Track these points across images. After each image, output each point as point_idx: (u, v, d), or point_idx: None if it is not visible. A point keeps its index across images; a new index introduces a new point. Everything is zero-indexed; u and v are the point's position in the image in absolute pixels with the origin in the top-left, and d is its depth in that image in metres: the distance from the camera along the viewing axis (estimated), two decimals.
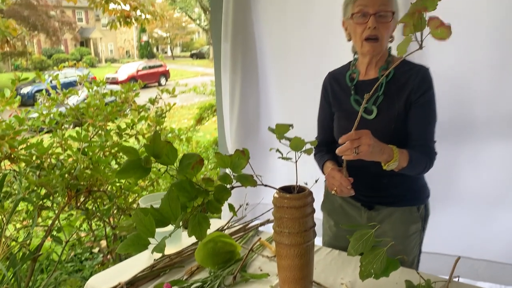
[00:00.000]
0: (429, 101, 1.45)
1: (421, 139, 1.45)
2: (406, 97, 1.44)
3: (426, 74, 1.46)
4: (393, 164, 1.33)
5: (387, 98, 1.47)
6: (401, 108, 1.45)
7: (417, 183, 1.57)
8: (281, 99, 2.34)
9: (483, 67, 1.81)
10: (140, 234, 1.02)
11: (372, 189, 1.55)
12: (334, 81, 1.62)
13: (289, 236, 1.20)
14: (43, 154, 2.04)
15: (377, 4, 1.38)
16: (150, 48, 36.88)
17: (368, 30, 1.40)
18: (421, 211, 1.57)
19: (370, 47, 1.43)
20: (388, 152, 1.31)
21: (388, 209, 1.56)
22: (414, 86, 1.44)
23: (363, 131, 1.22)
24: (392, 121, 1.43)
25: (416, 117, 1.45)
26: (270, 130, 1.21)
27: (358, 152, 1.22)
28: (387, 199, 1.55)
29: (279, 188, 1.24)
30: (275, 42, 2.29)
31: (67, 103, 2.52)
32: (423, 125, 1.46)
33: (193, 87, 7.63)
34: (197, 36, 42.89)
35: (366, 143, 1.21)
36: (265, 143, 2.30)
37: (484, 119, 1.84)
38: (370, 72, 1.52)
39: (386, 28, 1.41)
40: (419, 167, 1.43)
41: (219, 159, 1.13)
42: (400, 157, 1.33)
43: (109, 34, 34.17)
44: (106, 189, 2.24)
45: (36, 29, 22.74)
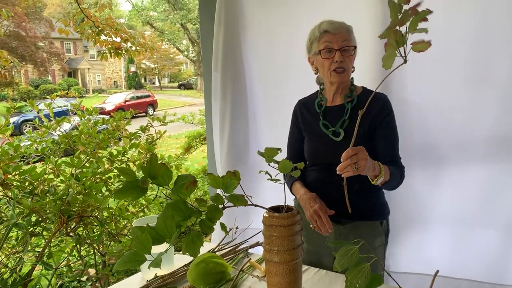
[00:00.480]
0: (392, 122, 1.65)
1: (391, 155, 1.63)
2: (370, 121, 1.61)
3: (386, 100, 1.67)
4: (381, 178, 1.45)
5: (352, 122, 1.63)
6: (366, 131, 1.61)
7: (380, 199, 1.73)
8: (269, 125, 2.43)
9: (455, 94, 1.93)
10: (137, 251, 1.08)
11: (340, 204, 1.61)
12: (304, 108, 1.80)
13: (278, 253, 1.26)
14: (36, 180, 2.08)
15: (340, 40, 1.58)
16: (138, 78, 37.13)
17: (335, 63, 1.59)
18: (384, 225, 1.73)
19: (338, 78, 1.62)
20: (377, 167, 1.43)
21: (354, 223, 1.68)
22: (377, 111, 1.62)
23: (359, 148, 1.34)
24: (358, 141, 1.53)
25: (383, 137, 1.63)
26: (260, 154, 1.29)
27: (357, 167, 1.32)
28: (353, 214, 1.63)
29: (269, 208, 1.31)
30: (263, 72, 2.41)
31: (59, 131, 2.58)
32: (390, 143, 1.65)
33: (182, 116, 7.70)
34: (185, 67, 43.40)
35: (363, 158, 1.32)
36: (255, 168, 2.38)
37: (459, 143, 1.95)
38: (336, 99, 1.70)
39: (350, 60, 1.61)
40: (395, 180, 1.57)
41: (212, 180, 1.20)
42: (385, 171, 1.47)
43: (97, 65, 34.40)
44: (97, 215, 2.27)
45: (24, 59, 22.84)
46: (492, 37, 1.83)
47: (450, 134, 1.96)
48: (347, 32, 1.61)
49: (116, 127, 2.74)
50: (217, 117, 2.46)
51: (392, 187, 1.60)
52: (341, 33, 1.58)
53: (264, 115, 2.44)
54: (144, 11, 29.48)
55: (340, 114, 1.66)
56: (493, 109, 1.87)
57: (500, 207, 1.92)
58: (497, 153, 1.90)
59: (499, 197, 1.92)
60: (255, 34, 2.37)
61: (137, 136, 2.74)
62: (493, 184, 1.92)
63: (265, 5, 2.32)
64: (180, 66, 41.42)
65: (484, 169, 1.95)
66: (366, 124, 1.61)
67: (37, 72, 26.23)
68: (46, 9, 29.58)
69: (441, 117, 1.96)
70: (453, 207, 2.01)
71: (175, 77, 42.90)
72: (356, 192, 1.59)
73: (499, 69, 1.84)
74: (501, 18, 1.80)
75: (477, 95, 1.89)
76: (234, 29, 2.36)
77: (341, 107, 1.67)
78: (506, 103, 1.84)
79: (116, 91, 30.80)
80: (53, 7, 31.15)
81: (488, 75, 1.87)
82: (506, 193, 1.90)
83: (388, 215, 1.75)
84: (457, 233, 2.02)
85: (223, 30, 2.33)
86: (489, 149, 1.92)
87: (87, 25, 4.58)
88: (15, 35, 22.23)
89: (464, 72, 1.90)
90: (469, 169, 1.96)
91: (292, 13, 2.21)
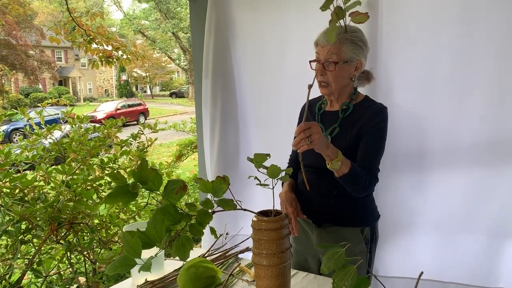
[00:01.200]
0: (379, 131, 1.61)
1: (365, 162, 1.58)
2: (358, 129, 1.60)
3: (380, 109, 1.64)
4: (336, 163, 1.45)
5: (342, 130, 1.64)
6: (353, 139, 1.61)
7: (361, 206, 1.69)
8: (259, 132, 2.47)
9: (441, 101, 1.98)
10: (127, 256, 1.09)
11: (320, 206, 1.69)
12: (308, 109, 1.78)
13: (267, 257, 1.28)
14: (26, 187, 2.09)
15: (324, 53, 1.57)
16: (129, 87, 37.07)
17: (318, 76, 1.60)
18: (366, 233, 1.70)
19: (322, 90, 1.66)
20: (332, 149, 1.44)
21: (334, 227, 1.69)
22: (367, 118, 1.61)
23: (312, 122, 1.38)
24: (341, 149, 1.54)
25: (365, 143, 1.60)
26: (249, 159, 1.32)
27: (311, 141, 1.36)
28: (333, 218, 1.68)
29: (258, 212, 1.34)
30: (253, 79, 2.45)
31: (50, 138, 2.58)
32: (369, 150, 1.61)
33: (173, 124, 7.72)
34: (176, 75, 43.45)
35: (316, 132, 1.36)
36: (245, 174, 2.39)
37: (445, 148, 1.99)
38: (334, 105, 1.72)
39: (332, 74, 1.59)
40: (358, 182, 1.54)
41: (202, 184, 1.22)
42: (343, 160, 1.47)
43: (88, 74, 34.29)
44: (88, 222, 2.28)
45: (15, 68, 22.71)
46: (476, 46, 1.87)
47: (436, 140, 2.00)
48: (337, 45, 1.55)
49: (107, 135, 2.75)
50: (207, 124, 2.49)
51: (354, 188, 1.57)
52: (328, 46, 1.55)
53: (254, 122, 2.47)
54: (136, 20, 29.57)
55: (333, 121, 1.67)
56: (477, 115, 1.92)
57: (484, 211, 1.96)
58: (481, 158, 1.94)
59: (483, 202, 1.96)
60: (245, 42, 2.41)
61: (128, 144, 2.75)
62: (477, 189, 1.96)
63: (254, 13, 2.36)
64: (171, 74, 41.48)
65: (468, 174, 1.99)
66: (353, 132, 1.61)
67: (28, 80, 26.07)
68: (37, 17, 29.53)
69: (426, 123, 2.00)
70: (439, 212, 2.04)
71: (166, 85, 42.92)
72: (335, 197, 1.62)
73: (483, 77, 1.88)
74: (486, 26, 1.84)
75: (461, 101, 1.94)
76: (224, 36, 2.40)
77: (337, 113, 1.68)
78: (489, 109, 1.89)
79: (107, 100, 30.73)
80: (44, 16, 31.11)
81: (472, 82, 1.91)
82: (489, 198, 1.95)
83: (374, 223, 1.74)
84: (443, 237, 2.05)
85: (214, 38, 2.37)
86: (473, 155, 1.96)
87: (79, 34, 4.59)
88: (5, 44, 22.14)
89: (448, 79, 1.95)
90: (454, 174, 2.00)
91: (281, 21, 2.26)
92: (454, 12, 1.88)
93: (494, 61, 1.86)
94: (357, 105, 1.66)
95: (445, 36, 1.92)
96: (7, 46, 22.18)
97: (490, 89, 1.89)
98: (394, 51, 2.00)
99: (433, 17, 1.92)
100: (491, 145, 1.92)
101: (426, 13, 1.94)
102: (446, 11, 1.90)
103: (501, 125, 1.89)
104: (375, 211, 1.76)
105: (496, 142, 1.91)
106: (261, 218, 1.30)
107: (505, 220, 1.93)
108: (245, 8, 2.38)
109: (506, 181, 1.90)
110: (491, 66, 1.87)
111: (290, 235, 1.33)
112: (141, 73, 37.13)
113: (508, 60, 1.83)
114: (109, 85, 38.43)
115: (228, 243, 1.97)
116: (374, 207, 1.76)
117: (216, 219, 1.21)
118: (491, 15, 1.83)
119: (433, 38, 1.94)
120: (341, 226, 1.68)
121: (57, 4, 31.71)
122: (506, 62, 1.83)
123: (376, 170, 1.62)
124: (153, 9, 27.77)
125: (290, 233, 1.34)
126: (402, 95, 2.02)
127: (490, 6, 1.82)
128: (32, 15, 27.37)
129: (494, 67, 1.87)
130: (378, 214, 1.76)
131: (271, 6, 2.30)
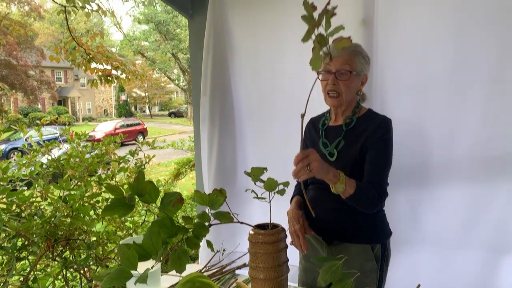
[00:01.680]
0: (384, 144, 1.60)
1: (373, 177, 1.56)
2: (362, 142, 1.59)
3: (384, 122, 1.62)
4: (340, 186, 1.44)
5: (347, 143, 1.63)
6: (357, 153, 1.59)
7: (372, 222, 1.66)
8: (256, 148, 2.48)
9: (436, 117, 2.00)
10: (123, 268, 1.09)
11: (329, 223, 1.66)
12: (312, 126, 1.81)
13: (263, 270, 1.27)
14: (23, 203, 2.08)
15: (338, 64, 1.58)
16: (128, 107, 37.26)
17: (329, 86, 1.59)
18: (376, 250, 1.64)
19: (331, 101, 1.63)
20: (333, 172, 1.42)
21: (345, 245, 1.66)
22: (370, 132, 1.59)
23: (309, 150, 1.36)
24: (348, 163, 1.56)
25: (371, 158, 1.58)
26: (246, 173, 1.33)
27: (310, 169, 1.34)
28: (343, 235, 1.66)
29: (255, 226, 1.33)
30: (250, 95, 2.48)
31: (48, 155, 2.58)
32: (375, 165, 1.59)
33: (172, 143, 7.73)
34: (175, 95, 43.71)
35: (314, 159, 1.35)
36: (242, 191, 2.39)
37: (441, 164, 2.01)
38: (338, 119, 1.70)
39: (345, 85, 1.59)
40: (366, 200, 1.52)
41: (198, 197, 1.22)
42: (347, 182, 1.45)
43: (87, 93, 34.50)
44: (85, 238, 2.26)
45: (14, 88, 22.83)
46: (471, 63, 1.90)
47: (431, 155, 2.01)
48: (349, 55, 1.58)
49: (105, 152, 2.76)
50: (205, 140, 2.51)
51: (364, 207, 1.55)
52: (341, 56, 1.57)
53: (251, 138, 2.49)
54: (136, 41, 29.89)
55: (338, 135, 1.66)
56: (472, 131, 1.94)
57: (481, 226, 1.96)
58: (477, 173, 1.95)
59: (480, 217, 1.96)
60: (242, 59, 2.45)
61: (126, 160, 2.76)
62: (474, 204, 1.97)
63: (251, 30, 2.41)
64: (170, 94, 41.74)
65: (465, 190, 2.00)
66: (358, 145, 1.60)
67: (27, 100, 26.20)
68: (38, 38, 29.88)
69: (421, 139, 2.02)
70: (436, 227, 2.04)
71: (165, 105, 43.15)
72: (344, 213, 1.60)
73: (478, 93, 1.91)
74: (480, 44, 1.88)
75: (456, 117, 1.96)
76: (222, 53, 2.44)
77: (340, 127, 1.67)
78: (484, 124, 1.91)
79: (106, 119, 30.81)
80: (45, 37, 31.50)
81: (467, 99, 1.94)
82: (486, 214, 1.95)
83: (385, 240, 1.69)
84: (441, 252, 2.04)
85: (212, 55, 2.41)
86: (469, 171, 1.97)
87: (78, 53, 4.64)
88: (6, 64, 22.29)
89: (443, 95, 1.97)
90: (450, 191, 2.00)
91: (278, 38, 2.30)
92: (449, 29, 1.92)
93: (488, 78, 1.89)
94: (361, 118, 1.66)
95: (440, 53, 1.95)
96: (7, 66, 22.33)
97: (485, 105, 1.92)
98: (389, 68, 2.03)
99: (428, 35, 1.96)
100: (485, 160, 1.94)
101: (421, 31, 1.98)
102: (441, 29, 1.94)
103: (495, 140, 1.91)
104: (386, 228, 1.71)
105: (490, 157, 1.92)
106: (258, 231, 1.29)
107: (502, 235, 1.93)
108: (243, 26, 2.43)
109: (503, 196, 1.91)
110: (485, 83, 1.90)
111: (287, 248, 1.32)
112: (140, 93, 37.36)
113: (501, 79, 1.86)
114: (108, 105, 38.61)
115: (225, 259, 1.96)
116: (386, 224, 1.72)
117: (213, 236, 1.22)
118: (485, 33, 1.86)
119: (428, 56, 1.98)
120: (351, 242, 1.65)
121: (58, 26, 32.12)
122: (500, 80, 1.86)
123: (384, 184, 1.59)
124: (153, 30, 28.11)
125: (287, 246, 1.33)
126: (396, 111, 2.04)
127: (484, 24, 1.85)
128: (33, 36, 27.69)
129: (489, 84, 1.90)
130: (390, 231, 1.72)
131: (268, 24, 2.35)
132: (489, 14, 1.84)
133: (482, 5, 1.85)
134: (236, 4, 2.44)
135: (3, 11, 24.23)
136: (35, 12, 25.87)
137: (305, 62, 1.70)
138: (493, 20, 1.84)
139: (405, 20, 1.99)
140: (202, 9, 2.57)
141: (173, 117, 36.69)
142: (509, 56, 1.84)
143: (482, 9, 1.85)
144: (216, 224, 1.22)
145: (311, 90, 1.30)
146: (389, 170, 1.61)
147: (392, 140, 1.61)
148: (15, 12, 26.16)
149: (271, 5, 2.33)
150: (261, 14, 2.37)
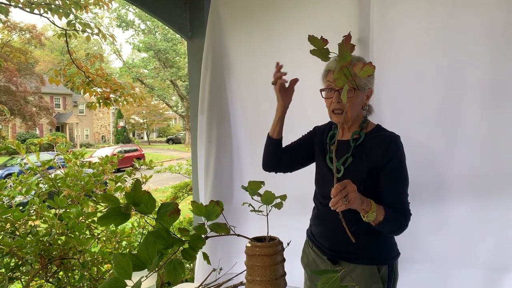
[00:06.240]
0: (398, 166, 1.55)
1: (395, 202, 1.53)
2: (372, 162, 1.54)
3: (393, 140, 1.57)
4: (372, 215, 1.42)
5: (355, 159, 1.58)
6: (367, 172, 1.54)
7: (378, 243, 1.61)
8: (253, 165, 2.47)
9: (434, 133, 2.01)
10: (118, 277, 1.07)
11: (335, 244, 1.64)
12: (319, 135, 1.79)
13: (260, 284, 1.25)
14: (18, 220, 2.06)
15: None
16: (126, 133, 37.33)
17: (333, 104, 1.58)
18: (383, 272, 1.59)
19: (337, 118, 1.60)
20: (366, 202, 1.42)
21: (350, 265, 1.61)
22: (379, 156, 1.54)
23: (346, 181, 1.34)
24: (359, 181, 1.48)
25: (388, 183, 1.54)
26: (243, 188, 1.32)
27: (348, 200, 1.32)
28: (349, 255, 1.62)
29: (252, 238, 1.32)
30: (247, 113, 2.50)
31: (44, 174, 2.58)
32: (395, 190, 1.55)
33: (169, 167, 7.71)
34: (174, 122, 43.90)
35: (352, 190, 1.33)
36: (238, 207, 2.38)
37: (439, 182, 2.00)
38: (345, 134, 1.67)
39: (350, 101, 1.54)
40: (394, 224, 1.50)
41: (195, 208, 1.21)
42: (378, 210, 1.44)
43: (85, 120, 34.63)
44: (79, 258, 2.23)
45: (13, 113, 22.92)
46: (468, 77, 1.91)
47: (430, 173, 2.01)
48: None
49: (101, 171, 2.75)
50: (202, 158, 2.51)
51: (391, 231, 1.54)
52: None
53: (248, 156, 2.49)
54: (135, 68, 30.22)
55: (345, 150, 1.61)
56: (471, 148, 1.93)
57: (481, 244, 1.94)
58: (476, 191, 1.94)
59: (479, 235, 1.94)
60: (240, 77, 2.48)
61: (122, 181, 2.75)
62: (473, 222, 1.95)
63: (249, 49, 2.45)
64: (169, 121, 41.91)
65: (463, 208, 1.98)
66: (368, 164, 1.55)
67: (25, 126, 26.24)
68: (38, 65, 30.23)
69: (418, 156, 2.01)
70: (435, 246, 2.02)
71: (163, 131, 43.28)
72: (353, 233, 1.53)
73: (477, 108, 1.91)
74: (475, 59, 1.90)
75: (455, 134, 1.96)
76: (220, 72, 2.48)
77: (348, 143, 1.63)
78: (483, 140, 1.91)
79: (104, 146, 30.80)
80: (45, 64, 31.90)
81: (465, 114, 1.94)
82: (486, 231, 1.93)
83: (392, 261, 1.63)
84: (441, 271, 2.01)
85: (210, 73, 2.44)
86: (469, 188, 1.96)
87: (78, 76, 4.70)
88: (5, 90, 22.45)
89: (441, 111, 1.98)
90: (451, 208, 1.99)
91: (275, 56, 2.32)
92: (444, 47, 1.95)
93: (485, 93, 1.90)
94: (368, 134, 1.61)
95: (436, 71, 1.97)
96: (6, 92, 22.48)
97: (484, 120, 1.91)
98: (384, 87, 2.05)
99: (423, 54, 1.99)
100: (482, 178, 1.93)
101: (416, 50, 2.01)
102: (436, 47, 1.96)
103: (496, 157, 1.90)
104: (394, 248, 1.66)
105: (491, 173, 1.92)
106: (255, 243, 1.28)
107: (503, 253, 1.91)
108: (240, 45, 2.47)
109: (504, 213, 1.89)
110: (482, 98, 1.90)
111: (284, 262, 1.30)
112: (138, 119, 37.51)
113: (499, 91, 1.87)
114: (106, 131, 38.69)
115: (221, 278, 1.93)
116: (393, 244, 1.67)
117: (210, 254, 1.20)
118: (480, 50, 1.88)
119: (424, 74, 2.00)
120: (357, 263, 1.60)
121: (57, 53, 32.55)
122: (497, 93, 1.87)
123: (407, 205, 1.57)
124: (152, 58, 28.47)
125: (285, 260, 1.31)
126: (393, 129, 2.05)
127: (479, 40, 1.88)
128: (33, 62, 28.03)
129: (488, 99, 1.90)
130: (398, 252, 1.66)
131: (265, 44, 2.39)
132: (482, 32, 1.87)
133: (474, 24, 1.88)
134: (234, 25, 2.48)
135: (5, 39, 24.60)
136: (36, 39, 26.26)
137: (302, 80, 1.73)
138: (486, 37, 1.87)
139: (400, 38, 2.02)
140: (201, 31, 2.62)
141: (171, 144, 36.73)
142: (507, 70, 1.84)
143: (474, 28, 1.88)
144: (213, 237, 1.21)
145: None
146: (407, 188, 1.57)
147: (404, 158, 1.57)
148: (16, 39, 26.54)
149: (269, 25, 2.37)
150: (258, 34, 2.41)
